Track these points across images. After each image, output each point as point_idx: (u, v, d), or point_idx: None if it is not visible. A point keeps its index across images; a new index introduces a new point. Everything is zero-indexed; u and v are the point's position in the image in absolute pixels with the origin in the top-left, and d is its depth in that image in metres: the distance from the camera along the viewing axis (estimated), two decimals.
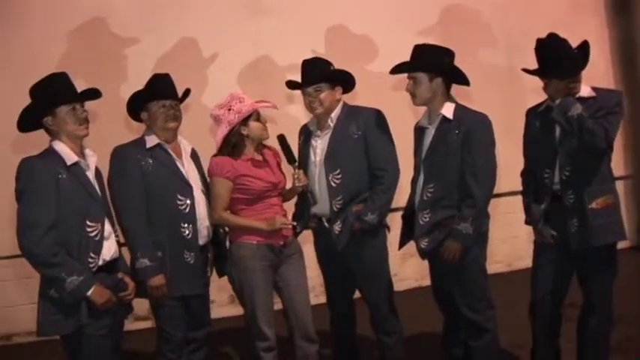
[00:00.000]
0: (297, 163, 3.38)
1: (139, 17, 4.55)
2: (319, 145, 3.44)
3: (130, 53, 4.59)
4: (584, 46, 3.08)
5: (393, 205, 3.45)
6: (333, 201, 3.36)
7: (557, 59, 3.03)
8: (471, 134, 3.13)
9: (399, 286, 4.91)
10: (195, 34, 4.67)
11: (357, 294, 3.60)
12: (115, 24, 4.58)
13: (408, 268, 4.88)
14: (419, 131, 3.38)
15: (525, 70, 3.18)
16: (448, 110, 3.20)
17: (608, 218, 3.08)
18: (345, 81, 3.45)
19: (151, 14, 4.56)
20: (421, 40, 3.33)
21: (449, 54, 3.23)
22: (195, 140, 3.46)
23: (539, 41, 3.11)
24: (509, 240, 4.95)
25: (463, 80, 3.25)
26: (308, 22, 4.74)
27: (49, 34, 4.48)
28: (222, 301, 4.74)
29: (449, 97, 3.25)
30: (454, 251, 3.16)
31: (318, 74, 3.37)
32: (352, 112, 3.44)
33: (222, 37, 4.65)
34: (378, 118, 3.41)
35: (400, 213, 3.47)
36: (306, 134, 3.55)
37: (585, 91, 3.09)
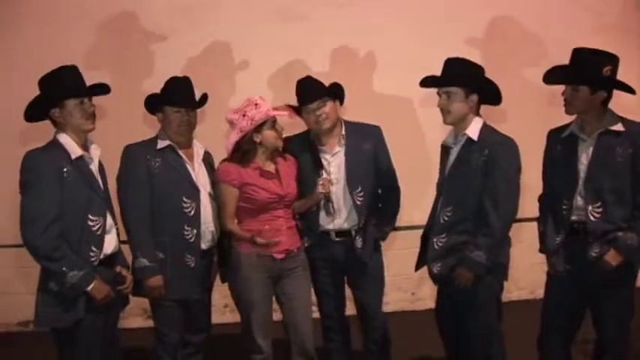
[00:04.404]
0: (323, 170, 3.33)
1: (169, 15, 4.55)
2: (333, 163, 3.37)
3: (159, 51, 4.59)
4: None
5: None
6: (360, 218, 3.37)
7: (588, 65, 2.89)
8: (494, 159, 2.97)
9: (416, 305, 4.93)
10: (226, 37, 4.63)
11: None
12: (145, 20, 4.59)
13: (426, 289, 4.75)
14: (444, 150, 3.25)
15: (550, 75, 3.02)
16: (473, 131, 3.05)
17: None
18: (342, 95, 3.41)
19: (181, 13, 4.55)
20: (460, 54, 3.20)
21: (481, 69, 3.11)
22: (219, 144, 3.42)
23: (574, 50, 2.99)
24: (536, 267, 4.74)
25: (496, 99, 3.12)
26: (340, 29, 4.67)
27: (77, 25, 4.52)
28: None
29: (478, 116, 3.10)
30: (466, 279, 3.05)
31: (320, 89, 3.32)
32: (357, 128, 3.42)
33: (253, 40, 4.60)
34: (383, 136, 3.44)
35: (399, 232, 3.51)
36: (303, 148, 3.43)
37: (616, 125, 2.93)
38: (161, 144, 3.20)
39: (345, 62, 4.69)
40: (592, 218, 2.94)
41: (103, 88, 2.98)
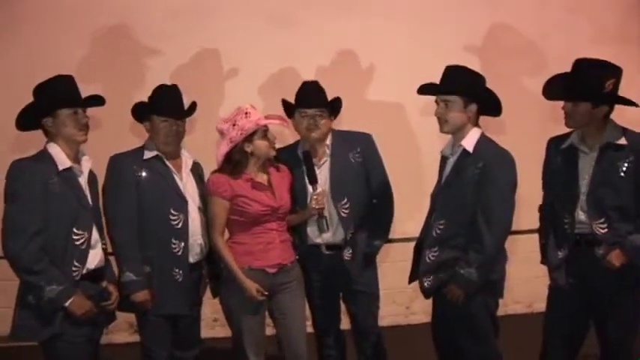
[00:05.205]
0: (318, 184, 3.24)
1: (160, 25, 4.50)
2: (320, 174, 3.30)
3: (150, 60, 4.52)
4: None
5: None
6: (346, 231, 3.30)
7: (590, 79, 2.82)
8: (488, 172, 2.86)
9: (410, 319, 4.88)
10: (217, 45, 4.58)
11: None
12: (136, 30, 4.53)
13: (421, 302, 4.68)
14: (443, 160, 3.17)
15: (550, 88, 2.96)
16: (470, 142, 2.94)
17: None
18: (339, 111, 3.39)
19: (173, 22, 4.50)
20: (459, 61, 3.10)
21: (482, 78, 3.03)
22: (209, 153, 3.34)
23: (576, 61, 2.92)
24: (532, 280, 4.70)
25: (495, 110, 3.03)
26: (334, 35, 4.63)
27: (71, 36, 4.46)
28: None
29: (477, 126, 3.00)
30: (457, 296, 2.97)
31: (322, 99, 3.28)
32: (345, 137, 3.38)
33: (244, 48, 4.55)
34: (373, 143, 3.39)
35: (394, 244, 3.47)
36: (293, 161, 3.35)
37: (619, 138, 2.87)
38: (148, 154, 3.12)
39: (338, 69, 4.63)
40: (598, 234, 2.89)
41: (97, 100, 2.95)
